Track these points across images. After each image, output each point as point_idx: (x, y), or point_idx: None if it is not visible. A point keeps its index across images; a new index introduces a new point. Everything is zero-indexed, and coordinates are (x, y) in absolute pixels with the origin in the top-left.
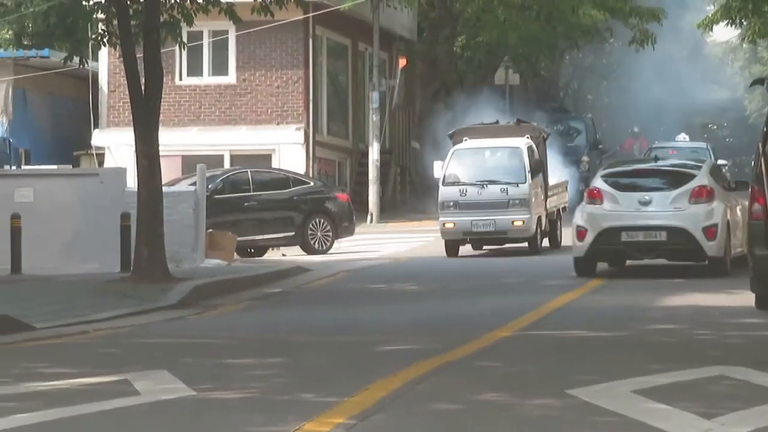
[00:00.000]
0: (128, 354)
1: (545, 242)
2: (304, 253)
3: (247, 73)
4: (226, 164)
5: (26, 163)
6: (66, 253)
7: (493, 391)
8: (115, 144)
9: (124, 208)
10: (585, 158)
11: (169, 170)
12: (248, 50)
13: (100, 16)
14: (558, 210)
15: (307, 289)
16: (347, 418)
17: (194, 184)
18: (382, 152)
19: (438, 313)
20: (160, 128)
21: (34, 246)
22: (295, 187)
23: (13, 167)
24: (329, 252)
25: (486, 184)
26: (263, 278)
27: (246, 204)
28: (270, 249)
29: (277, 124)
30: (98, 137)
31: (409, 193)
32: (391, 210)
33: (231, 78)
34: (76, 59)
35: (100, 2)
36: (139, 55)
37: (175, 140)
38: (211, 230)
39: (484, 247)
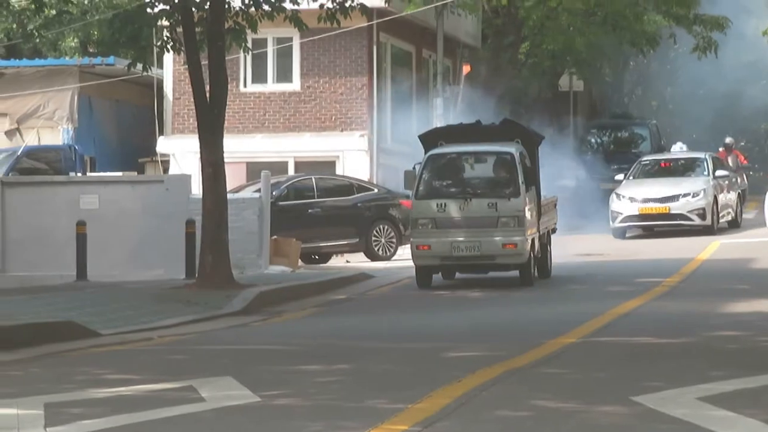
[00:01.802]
0: (193, 360)
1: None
2: (368, 260)
3: (311, 80)
4: (291, 171)
5: (92, 170)
6: (131, 260)
7: (557, 398)
8: (180, 151)
9: (189, 215)
10: None
11: (233, 177)
12: (312, 57)
13: (165, 23)
14: (548, 232)
15: (371, 296)
16: (411, 425)
17: (259, 191)
18: None
19: (502, 320)
20: (225, 135)
21: (100, 253)
22: (359, 194)
23: (79, 174)
24: (393, 258)
25: (470, 198)
26: (327, 285)
27: (310, 211)
28: (334, 255)
29: (341, 130)
30: (163, 144)
31: None
32: None
33: (295, 85)
34: (140, 66)
35: (165, 9)
36: (204, 62)
37: (239, 147)
38: (275, 237)
39: (457, 275)
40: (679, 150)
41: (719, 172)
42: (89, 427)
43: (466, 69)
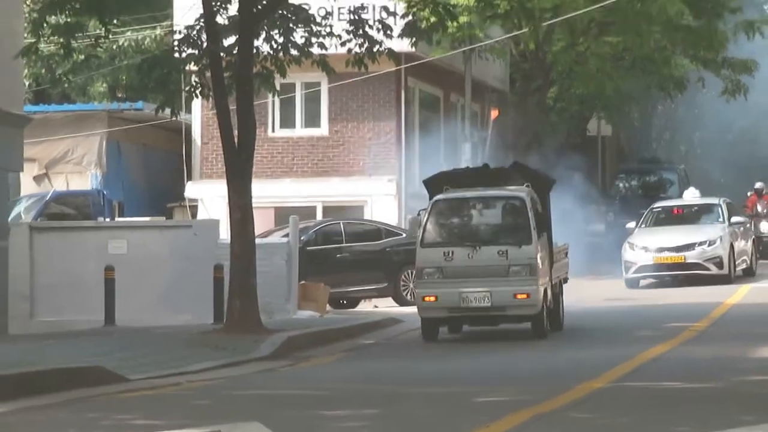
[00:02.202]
0: (221, 406)
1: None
2: (396, 305)
3: (340, 125)
4: (319, 216)
5: (120, 215)
6: (159, 305)
7: None
8: (209, 196)
9: (217, 259)
10: None
11: (261, 222)
12: (340, 102)
13: (193, 67)
14: (560, 281)
15: (399, 341)
16: None
17: (287, 235)
18: None
19: (528, 364)
20: (253, 180)
21: (128, 297)
22: (387, 239)
23: (107, 219)
24: None
25: (479, 246)
26: (356, 330)
27: (338, 255)
28: (362, 300)
29: (369, 175)
30: (191, 189)
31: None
32: None
33: (323, 130)
34: (168, 110)
35: (193, 54)
36: (232, 106)
37: (267, 192)
38: (303, 282)
39: (465, 328)
40: (691, 196)
41: (735, 219)
42: None
43: (494, 113)
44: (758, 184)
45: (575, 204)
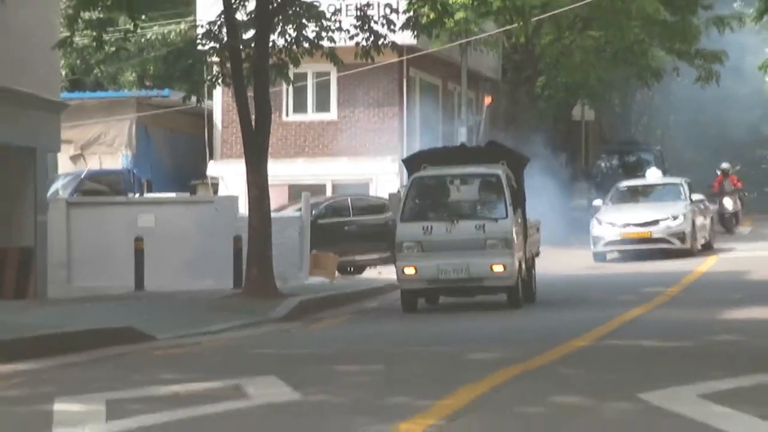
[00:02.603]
0: (240, 362)
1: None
2: None
3: (347, 110)
4: (328, 192)
5: (148, 192)
6: (184, 272)
7: (571, 396)
8: (228, 174)
9: (237, 232)
10: None
11: (276, 198)
12: (348, 90)
13: (215, 59)
14: (533, 255)
15: (399, 305)
16: (438, 419)
17: (300, 210)
18: None
19: (518, 325)
20: (269, 160)
21: (156, 266)
22: (390, 212)
23: (137, 195)
24: None
25: (457, 220)
26: (362, 294)
27: (346, 228)
28: (368, 268)
29: (374, 156)
30: (213, 168)
31: None
32: None
33: (332, 115)
34: (194, 98)
35: (215, 47)
36: (250, 94)
37: (282, 171)
38: (314, 251)
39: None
40: (654, 176)
41: (695, 197)
42: (146, 421)
43: (487, 100)
44: (724, 165)
45: (560, 182)
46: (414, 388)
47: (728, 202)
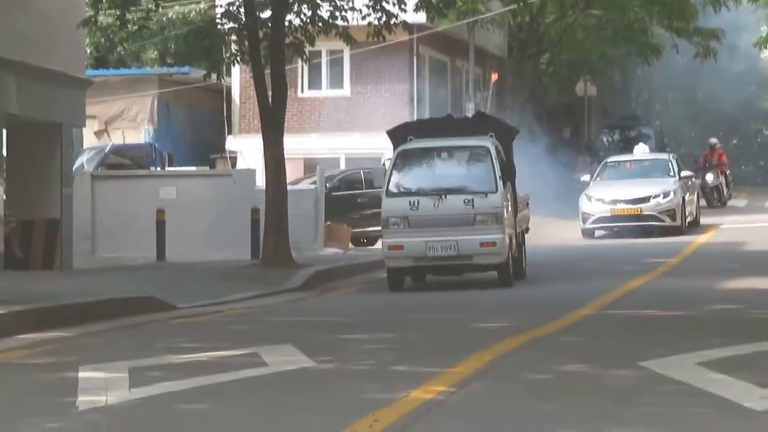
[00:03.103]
0: (257, 330)
1: None
2: None
3: (360, 87)
4: (342, 166)
5: (169, 165)
6: (204, 243)
7: (575, 363)
8: (246, 148)
9: (254, 204)
10: None
11: (292, 171)
12: (361, 67)
13: (233, 38)
14: (523, 231)
15: (387, 283)
16: (447, 386)
17: (314, 183)
18: None
19: (526, 295)
20: (285, 135)
21: (176, 237)
22: None
23: (158, 169)
24: None
25: (445, 195)
26: (374, 265)
27: (359, 200)
28: (380, 239)
29: (386, 130)
30: (231, 143)
31: None
32: None
33: (346, 91)
34: (213, 76)
35: (233, 26)
36: (267, 71)
37: (297, 145)
38: (329, 223)
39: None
40: (641, 151)
41: (684, 173)
42: (168, 388)
43: (494, 77)
44: (712, 140)
45: (565, 156)
46: (424, 356)
47: (710, 177)
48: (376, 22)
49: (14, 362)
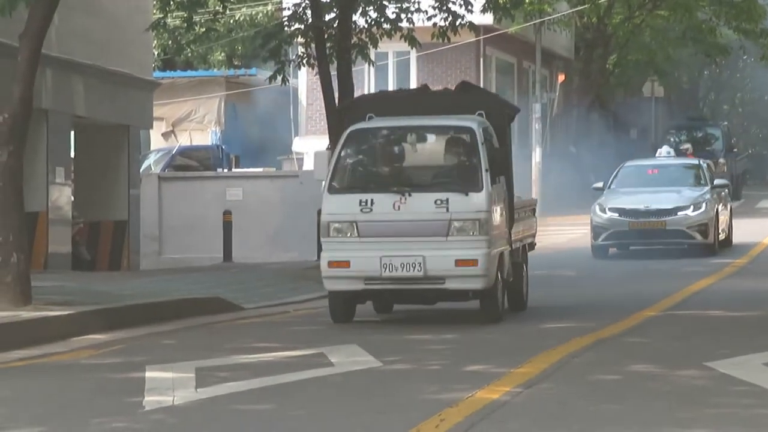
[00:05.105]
0: (323, 331)
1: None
2: None
3: None
4: None
5: (236, 167)
6: (270, 244)
7: (641, 364)
8: (313, 149)
9: (320, 205)
10: (722, 161)
11: None
12: (427, 69)
13: (300, 40)
14: (524, 247)
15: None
16: (514, 387)
17: None
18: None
19: (592, 295)
20: None
21: (243, 238)
22: None
23: (225, 170)
24: None
25: (409, 192)
26: None
27: None
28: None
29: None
30: (298, 144)
31: (569, 190)
32: (552, 205)
33: None
34: (279, 77)
35: (300, 28)
36: (333, 73)
37: None
38: None
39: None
40: (666, 155)
41: (717, 182)
42: (234, 388)
43: (560, 78)
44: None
45: (632, 157)
46: (489, 356)
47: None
48: (441, 23)
49: (82, 362)
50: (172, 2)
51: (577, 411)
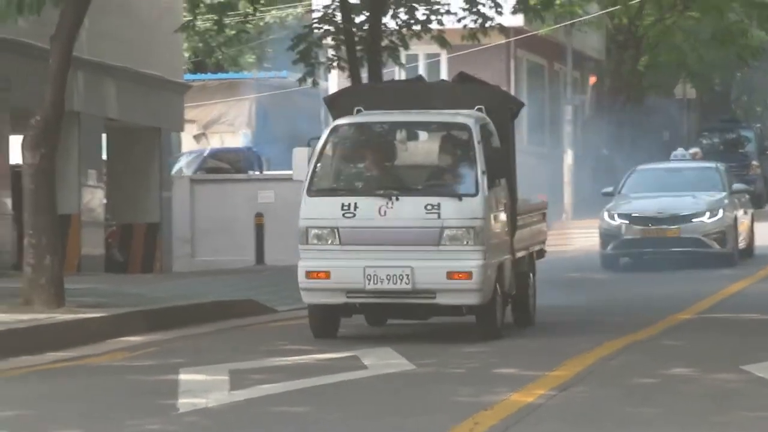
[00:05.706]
0: (357, 333)
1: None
2: None
3: None
4: None
5: (268, 169)
6: None
7: (676, 367)
8: None
9: None
10: (755, 163)
11: None
12: (457, 70)
13: (330, 42)
14: (531, 255)
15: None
16: (548, 389)
17: None
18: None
19: (625, 298)
20: None
21: (275, 240)
22: None
23: (257, 173)
24: None
25: (397, 196)
26: None
27: None
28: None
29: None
30: None
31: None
32: (583, 208)
33: None
34: (310, 80)
35: (330, 30)
36: (364, 74)
37: None
38: None
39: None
40: (681, 156)
41: (736, 186)
42: (268, 390)
43: (592, 80)
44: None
45: (665, 159)
46: (524, 359)
47: None
48: (471, 25)
49: (116, 364)
50: (202, 4)
51: (612, 414)
